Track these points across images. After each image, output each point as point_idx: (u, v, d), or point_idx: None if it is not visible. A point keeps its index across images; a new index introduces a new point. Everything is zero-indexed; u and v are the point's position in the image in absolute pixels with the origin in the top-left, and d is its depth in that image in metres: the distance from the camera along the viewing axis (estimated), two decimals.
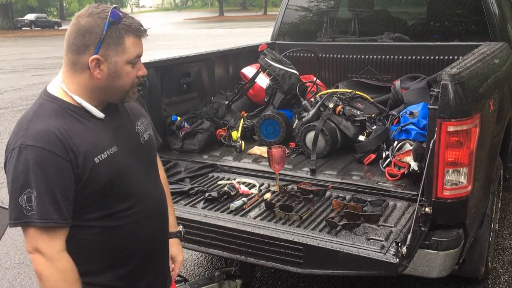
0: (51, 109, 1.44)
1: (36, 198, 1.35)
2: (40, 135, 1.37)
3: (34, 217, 1.35)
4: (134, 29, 1.45)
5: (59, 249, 1.40)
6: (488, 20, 3.68)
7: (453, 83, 2.17)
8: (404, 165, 2.66)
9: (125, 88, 1.49)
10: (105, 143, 1.47)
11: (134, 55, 1.46)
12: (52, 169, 1.36)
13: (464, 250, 2.42)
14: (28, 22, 43.10)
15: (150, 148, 1.66)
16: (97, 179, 1.43)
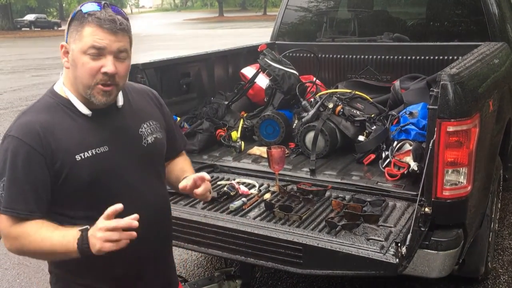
0: (46, 104, 1.47)
1: (5, 187, 1.38)
2: (22, 127, 1.41)
3: (1, 206, 1.39)
4: (98, 19, 1.38)
5: (15, 235, 1.40)
6: (487, 20, 3.68)
7: (453, 83, 2.18)
8: (403, 165, 2.66)
9: (84, 82, 1.41)
10: (92, 141, 1.45)
11: (88, 45, 1.38)
12: (23, 160, 1.38)
13: (464, 250, 2.42)
14: (28, 22, 43.09)
15: (153, 152, 1.60)
16: (78, 177, 1.42)
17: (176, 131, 1.79)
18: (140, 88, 1.73)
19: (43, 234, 1.38)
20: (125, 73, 1.47)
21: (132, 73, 3.13)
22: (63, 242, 1.35)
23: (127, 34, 1.45)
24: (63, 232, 1.37)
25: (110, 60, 1.40)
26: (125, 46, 1.44)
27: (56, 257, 1.46)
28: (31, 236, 1.38)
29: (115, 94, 1.48)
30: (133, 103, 1.61)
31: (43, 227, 1.39)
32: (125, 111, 1.56)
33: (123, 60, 1.45)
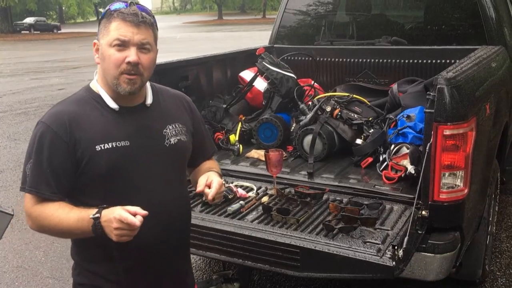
0: (78, 98, 1.60)
1: (31, 169, 1.50)
2: (52, 115, 1.53)
3: (26, 185, 1.51)
4: (122, 14, 1.49)
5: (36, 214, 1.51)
6: (484, 24, 3.70)
7: (449, 87, 2.19)
8: (401, 169, 2.67)
9: (111, 72, 1.51)
10: (115, 135, 1.53)
11: (114, 37, 1.49)
12: (49, 145, 1.49)
13: (461, 253, 2.43)
14: (27, 25, 43.14)
15: (175, 153, 1.64)
16: (96, 166, 1.50)
17: (206, 138, 1.86)
18: (174, 93, 1.80)
19: (61, 216, 1.48)
20: (149, 64, 1.55)
21: None
22: (78, 225, 1.46)
23: (150, 27, 1.54)
24: (78, 215, 1.47)
25: (133, 51, 1.50)
26: (147, 39, 1.53)
27: (74, 237, 1.59)
28: (50, 216, 1.49)
29: (139, 84, 1.54)
30: (162, 104, 1.68)
31: (60, 209, 1.49)
32: (153, 111, 1.63)
33: (147, 52, 1.54)
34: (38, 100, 10.45)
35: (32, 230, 1.58)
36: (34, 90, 11.78)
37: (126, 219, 1.37)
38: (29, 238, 4.03)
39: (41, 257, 3.72)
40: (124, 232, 1.40)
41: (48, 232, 1.58)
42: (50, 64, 17.43)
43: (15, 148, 6.79)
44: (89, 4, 54.79)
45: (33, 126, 5.52)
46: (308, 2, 4.59)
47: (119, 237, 1.40)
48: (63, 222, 1.48)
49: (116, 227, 1.39)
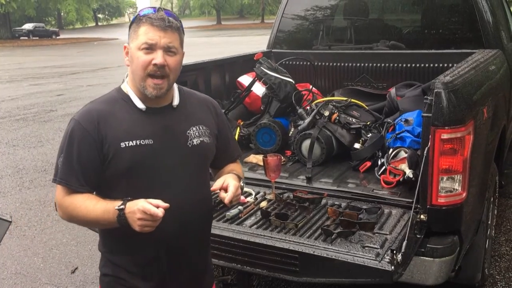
0: (109, 97, 1.69)
1: (63, 162, 1.60)
2: (83, 113, 1.63)
3: (57, 177, 1.61)
4: (150, 19, 1.58)
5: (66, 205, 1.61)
6: (482, 28, 3.71)
7: (446, 91, 2.19)
8: (399, 173, 2.68)
9: (139, 73, 1.60)
10: (139, 133, 1.61)
11: (143, 41, 1.57)
12: (78, 141, 1.59)
13: (460, 257, 2.42)
14: (26, 31, 43.20)
15: (197, 153, 1.70)
16: (119, 162, 1.58)
17: (230, 141, 1.92)
18: (202, 96, 1.88)
19: (88, 207, 1.57)
20: (175, 66, 1.62)
21: None
22: (104, 216, 1.55)
23: (176, 31, 1.61)
24: (104, 206, 1.56)
25: (160, 54, 1.58)
26: (173, 43, 1.60)
27: (100, 227, 1.68)
28: (78, 207, 1.58)
29: (165, 88, 1.62)
30: (189, 107, 1.75)
31: (88, 200, 1.59)
32: (178, 112, 1.70)
33: (173, 54, 1.61)
34: (36, 106, 10.46)
35: (31, 237, 1.59)
36: (33, 96, 11.78)
37: (149, 210, 1.45)
38: (28, 244, 4.03)
39: (39, 264, 3.71)
40: (147, 223, 1.48)
41: (77, 222, 1.66)
42: (49, 70, 17.44)
43: (13, 154, 6.79)
44: (88, 10, 54.93)
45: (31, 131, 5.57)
46: (306, 7, 4.61)
47: (141, 227, 1.49)
48: (91, 212, 1.57)
49: (139, 218, 1.47)
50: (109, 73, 16.33)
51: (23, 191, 5.33)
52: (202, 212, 1.76)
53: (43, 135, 7.83)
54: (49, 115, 9.40)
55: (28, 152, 6.89)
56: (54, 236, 4.15)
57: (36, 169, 6.06)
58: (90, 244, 3.96)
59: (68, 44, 35.06)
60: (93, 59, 21.98)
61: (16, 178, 5.77)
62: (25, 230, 4.32)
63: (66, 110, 9.81)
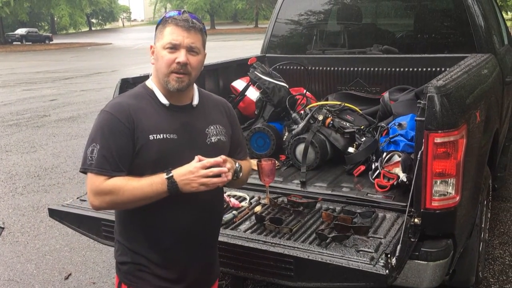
0: (136, 92, 1.80)
1: (97, 151, 1.66)
2: (114, 105, 1.73)
3: (92, 166, 1.66)
4: (175, 19, 1.70)
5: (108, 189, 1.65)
6: (474, 32, 3.74)
7: (439, 95, 2.20)
8: (393, 176, 2.68)
9: (163, 70, 1.71)
10: (165, 127, 1.72)
11: (168, 41, 1.69)
12: (113, 130, 1.67)
13: (454, 260, 2.43)
14: (19, 36, 43.10)
15: (215, 150, 1.76)
16: (147, 153, 1.68)
17: (241, 142, 2.02)
18: (217, 98, 1.99)
19: (134, 184, 1.65)
20: (196, 64, 1.74)
21: (123, 87, 3.14)
22: (153, 188, 1.63)
23: (199, 33, 1.73)
24: (149, 180, 1.64)
25: (183, 53, 1.69)
26: (195, 43, 1.72)
27: (147, 201, 1.68)
28: (124, 186, 1.64)
29: (186, 83, 1.73)
30: (206, 107, 1.87)
31: (130, 180, 1.66)
32: (197, 111, 1.82)
33: (195, 54, 1.73)
34: (30, 111, 10.41)
35: (24, 243, 1.57)
36: (26, 101, 11.73)
37: (209, 161, 1.62)
38: (21, 250, 4.00)
39: (32, 270, 3.69)
40: (205, 180, 1.61)
41: (119, 204, 1.70)
42: (42, 75, 17.38)
43: (6, 160, 6.75)
44: (81, 14, 54.79)
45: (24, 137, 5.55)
46: (299, 11, 4.63)
47: (199, 185, 1.62)
48: (137, 189, 1.64)
49: (199, 175, 1.61)
50: (103, 78, 16.29)
51: (16, 197, 5.29)
52: (216, 206, 1.89)
53: (36, 140, 7.79)
54: (42, 120, 9.36)
55: (21, 157, 6.85)
56: (47, 242, 4.13)
57: (29, 175, 6.03)
58: (83, 250, 3.94)
59: (61, 49, 34.96)
60: (86, 64, 21.93)
61: (9, 183, 5.73)
62: (18, 236, 4.29)
63: (59, 115, 9.78)
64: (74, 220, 2.69)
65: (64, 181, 5.72)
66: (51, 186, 5.58)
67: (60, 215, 2.73)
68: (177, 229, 1.76)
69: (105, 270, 3.63)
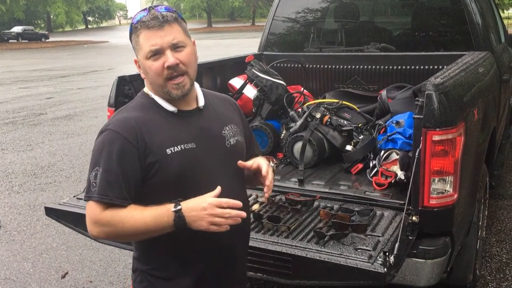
0: (139, 104, 1.60)
1: (100, 174, 1.47)
2: (119, 122, 1.52)
3: (95, 193, 1.47)
4: (144, 23, 1.50)
5: (107, 220, 1.47)
6: (471, 30, 3.73)
7: (437, 92, 2.20)
8: (391, 174, 2.68)
9: (157, 82, 1.53)
10: (182, 137, 1.54)
11: (147, 49, 1.50)
12: (118, 151, 1.47)
13: (452, 258, 2.43)
14: (15, 34, 42.93)
15: (235, 153, 1.65)
16: (168, 169, 1.50)
17: (252, 138, 1.87)
18: (221, 96, 1.82)
19: (135, 216, 1.46)
20: (188, 59, 1.54)
21: (120, 85, 3.13)
22: (157, 221, 1.44)
23: (174, 23, 1.52)
24: (154, 212, 1.45)
25: (169, 54, 1.50)
26: (176, 38, 1.51)
27: (150, 236, 1.50)
28: (124, 219, 1.46)
29: (188, 84, 1.55)
30: (215, 107, 1.70)
31: (133, 210, 1.47)
32: (208, 113, 1.65)
33: (182, 49, 1.53)
34: (26, 109, 10.37)
35: (20, 241, 1.54)
36: (22, 99, 11.68)
37: (228, 202, 1.41)
38: (17, 249, 3.98)
39: (29, 269, 3.67)
40: (218, 220, 1.41)
41: (119, 237, 1.55)
42: (38, 73, 17.32)
43: (2, 158, 6.72)
44: (78, 12, 54.64)
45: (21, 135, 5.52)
46: (296, 9, 4.62)
47: (209, 224, 1.42)
48: (139, 222, 1.45)
49: (212, 213, 1.41)
50: (100, 76, 16.25)
51: (12, 195, 5.27)
52: (247, 229, 1.70)
53: (32, 138, 7.76)
54: (38, 119, 9.32)
55: (17, 156, 6.82)
56: (44, 241, 4.11)
57: (26, 173, 6.00)
58: (80, 249, 3.93)
59: (57, 47, 34.84)
60: (83, 62, 21.86)
61: (5, 182, 5.71)
62: (15, 235, 4.27)
63: (55, 114, 9.75)
64: (71, 218, 2.68)
65: (60, 179, 5.70)
66: (47, 184, 5.56)
67: (56, 213, 2.72)
68: (209, 252, 1.58)
69: (102, 268, 3.62)
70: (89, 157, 1.56)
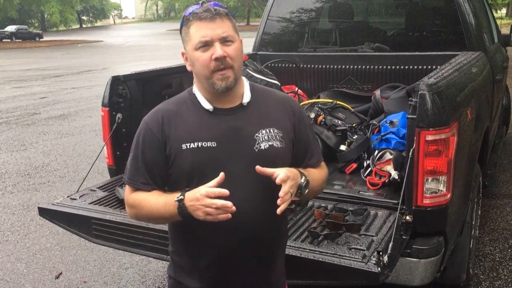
0: (178, 98, 1.67)
1: (130, 160, 1.63)
2: (151, 113, 1.64)
3: (126, 177, 1.64)
4: (196, 14, 1.53)
5: (132, 202, 1.62)
6: (465, 30, 3.75)
7: (431, 92, 2.21)
8: (384, 174, 2.69)
9: (203, 73, 1.55)
10: (203, 135, 1.55)
11: (197, 40, 1.52)
12: (145, 141, 1.60)
13: (445, 258, 2.44)
14: (9, 33, 42.71)
15: (264, 158, 1.54)
16: (180, 164, 1.56)
17: (310, 145, 1.72)
18: (280, 96, 1.75)
19: (151, 201, 1.57)
20: (235, 54, 1.55)
21: (114, 85, 3.12)
22: (166, 209, 1.53)
23: (225, 18, 1.55)
24: (165, 199, 1.54)
25: (218, 46, 1.51)
26: (226, 32, 1.53)
27: (165, 221, 1.64)
28: (143, 202, 1.58)
29: (232, 77, 1.55)
30: (262, 107, 1.64)
31: (151, 195, 1.58)
32: (249, 113, 1.61)
33: (231, 43, 1.55)
34: (20, 109, 10.32)
35: (14, 242, 1.55)
36: (16, 99, 11.63)
37: (214, 192, 1.42)
38: (11, 249, 3.96)
39: (23, 269, 3.66)
40: (210, 210, 1.43)
41: (143, 218, 1.67)
42: (32, 73, 17.24)
43: None
44: (72, 11, 54.42)
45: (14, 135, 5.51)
46: (291, 9, 4.62)
47: (205, 214, 1.44)
48: (153, 207, 1.56)
49: (203, 204, 1.43)
50: (94, 75, 16.19)
51: (6, 195, 5.25)
52: (265, 224, 1.60)
53: (26, 138, 7.72)
54: (32, 118, 9.28)
55: (11, 155, 6.79)
56: (37, 241, 4.09)
57: (19, 173, 5.98)
58: (74, 249, 3.91)
59: (51, 47, 34.70)
60: (77, 62, 21.78)
61: (0, 182, 5.69)
62: (8, 235, 4.25)
63: (49, 113, 9.70)
64: (65, 218, 2.67)
65: (54, 179, 5.68)
66: (41, 184, 5.53)
67: (50, 214, 2.71)
68: (217, 247, 1.59)
69: (96, 269, 3.61)
70: (83, 157, 1.60)
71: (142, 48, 29.25)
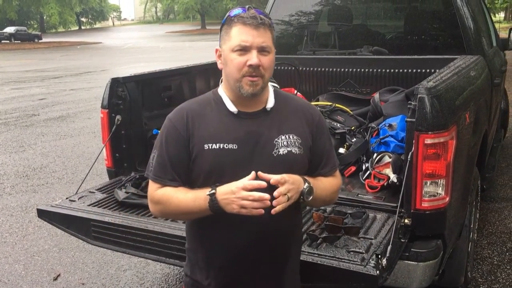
0: (203, 98, 1.71)
1: (155, 157, 1.65)
2: (175, 111, 1.68)
3: (151, 173, 1.66)
4: (242, 18, 1.56)
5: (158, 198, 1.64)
6: (463, 34, 3.76)
7: (430, 96, 2.21)
8: (383, 177, 2.69)
9: (233, 75, 1.57)
10: (225, 137, 1.59)
11: (237, 43, 1.55)
12: (170, 138, 1.63)
13: (444, 261, 2.45)
14: (8, 35, 42.69)
15: (282, 163, 1.58)
16: (200, 164, 1.59)
17: (326, 155, 1.73)
18: (300, 103, 1.77)
19: (179, 197, 1.59)
20: (269, 65, 1.59)
21: (113, 87, 3.12)
22: (196, 203, 1.56)
23: (268, 29, 1.58)
24: (194, 194, 1.58)
25: (254, 54, 1.55)
26: (266, 42, 1.57)
27: (193, 216, 1.65)
28: (171, 198, 1.61)
29: (261, 86, 1.58)
30: (283, 113, 1.68)
31: (179, 191, 1.61)
32: (270, 118, 1.65)
33: (267, 54, 1.58)
34: (18, 110, 10.31)
35: (12, 243, 1.54)
36: (15, 100, 11.62)
37: (251, 184, 1.45)
38: (9, 251, 3.96)
39: (21, 271, 3.65)
40: (245, 203, 1.46)
41: (169, 214, 1.71)
42: (31, 74, 17.22)
43: None
44: (71, 13, 54.47)
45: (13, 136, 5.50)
46: (290, 12, 4.63)
47: (239, 207, 1.47)
48: (182, 202, 1.59)
49: (239, 197, 1.46)
50: (93, 77, 16.19)
51: (4, 197, 5.24)
52: (281, 228, 1.64)
53: (24, 140, 7.71)
54: (31, 120, 9.27)
55: (9, 157, 6.78)
56: (35, 243, 4.09)
57: (18, 175, 5.97)
58: (72, 251, 3.91)
59: (50, 48, 34.69)
60: (76, 63, 21.77)
61: None
62: (6, 236, 4.24)
63: (48, 115, 9.70)
64: (63, 220, 2.67)
65: (53, 181, 5.67)
66: (40, 186, 5.53)
67: (49, 215, 2.70)
68: (233, 248, 1.63)
69: (95, 270, 3.60)
70: (81, 158, 1.60)
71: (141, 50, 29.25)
